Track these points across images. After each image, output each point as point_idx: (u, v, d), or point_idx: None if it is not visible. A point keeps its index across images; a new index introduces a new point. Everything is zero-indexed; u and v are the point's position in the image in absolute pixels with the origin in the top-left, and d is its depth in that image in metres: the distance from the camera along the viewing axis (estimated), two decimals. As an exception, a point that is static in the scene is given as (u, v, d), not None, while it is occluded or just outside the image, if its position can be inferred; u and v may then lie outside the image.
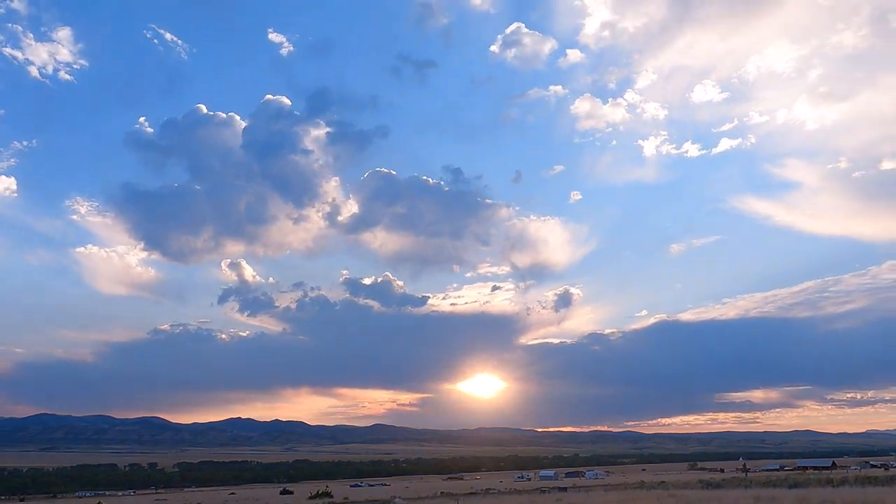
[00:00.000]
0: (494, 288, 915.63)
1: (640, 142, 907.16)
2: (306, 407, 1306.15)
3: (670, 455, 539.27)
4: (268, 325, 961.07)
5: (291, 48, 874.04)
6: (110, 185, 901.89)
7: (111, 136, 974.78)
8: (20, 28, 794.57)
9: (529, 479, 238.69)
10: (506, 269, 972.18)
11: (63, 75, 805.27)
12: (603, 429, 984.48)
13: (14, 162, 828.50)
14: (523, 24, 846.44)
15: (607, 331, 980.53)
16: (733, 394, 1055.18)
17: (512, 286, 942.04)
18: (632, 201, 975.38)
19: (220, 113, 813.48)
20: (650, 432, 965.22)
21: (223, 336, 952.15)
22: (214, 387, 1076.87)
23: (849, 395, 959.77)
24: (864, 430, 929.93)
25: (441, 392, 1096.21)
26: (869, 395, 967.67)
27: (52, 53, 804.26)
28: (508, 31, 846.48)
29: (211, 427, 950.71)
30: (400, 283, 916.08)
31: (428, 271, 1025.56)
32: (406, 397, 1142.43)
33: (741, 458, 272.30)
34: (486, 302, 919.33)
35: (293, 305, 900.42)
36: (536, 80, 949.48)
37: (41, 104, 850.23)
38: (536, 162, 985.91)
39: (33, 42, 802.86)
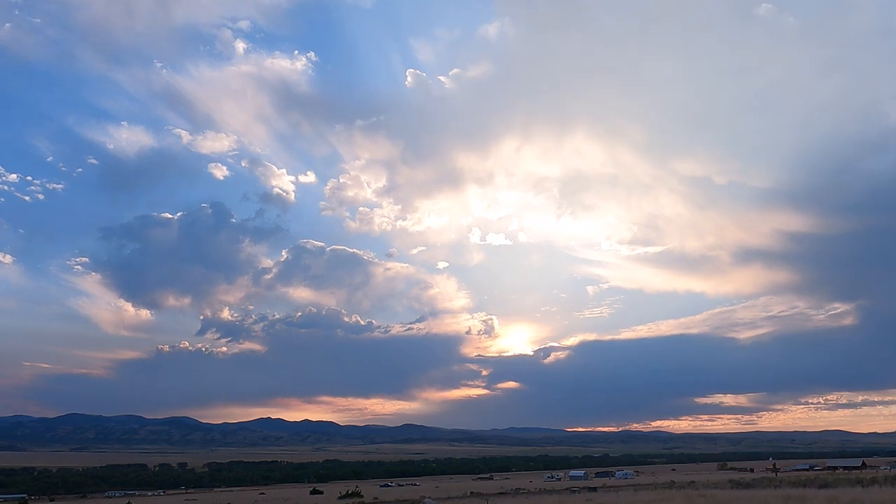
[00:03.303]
0: (418, 319, 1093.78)
1: (467, 234, 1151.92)
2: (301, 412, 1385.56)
3: (700, 455, 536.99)
4: (252, 347, 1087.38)
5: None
6: (92, 255, 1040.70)
7: (81, 232, 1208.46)
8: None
9: (559, 479, 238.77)
10: (418, 306, 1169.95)
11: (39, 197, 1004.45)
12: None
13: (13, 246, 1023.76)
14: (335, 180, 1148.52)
15: (549, 344, 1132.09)
16: (701, 398, 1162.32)
17: (426, 321, 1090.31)
18: (487, 269, 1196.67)
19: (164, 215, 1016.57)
20: (678, 432, 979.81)
21: (219, 352, 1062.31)
22: (220, 395, 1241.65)
23: (823, 399, 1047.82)
24: (893, 430, 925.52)
25: (430, 398, 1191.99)
26: (844, 398, 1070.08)
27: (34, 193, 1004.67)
28: (328, 187, 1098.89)
29: (241, 427, 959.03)
30: (350, 316, 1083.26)
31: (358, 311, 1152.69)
32: (404, 404, 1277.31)
33: (771, 458, 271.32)
34: (423, 328, 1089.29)
35: (267, 333, 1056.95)
36: (365, 203, 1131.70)
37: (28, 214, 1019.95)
38: (400, 245, 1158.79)
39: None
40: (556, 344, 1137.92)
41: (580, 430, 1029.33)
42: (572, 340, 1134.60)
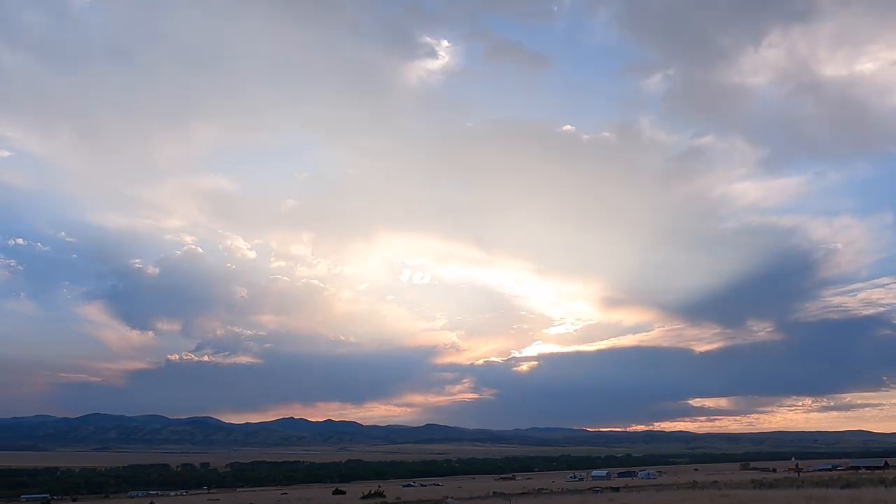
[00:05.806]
0: (388, 337, 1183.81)
1: (399, 276, 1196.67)
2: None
3: (722, 455, 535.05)
4: (249, 360, 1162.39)
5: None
6: (90, 291, 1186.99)
7: (80, 276, 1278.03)
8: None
9: (582, 479, 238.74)
10: (382, 328, 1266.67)
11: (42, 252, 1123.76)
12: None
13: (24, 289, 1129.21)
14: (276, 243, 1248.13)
15: (517, 355, 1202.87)
16: (689, 401, 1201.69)
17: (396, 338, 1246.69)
18: (432, 299, 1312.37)
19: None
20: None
21: (220, 363, 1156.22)
22: (227, 400, 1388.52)
23: (811, 401, 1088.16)
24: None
25: (423, 402, 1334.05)
26: (824, 401, 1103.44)
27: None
28: (273, 246, 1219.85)
29: (264, 427, 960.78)
30: (329, 334, 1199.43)
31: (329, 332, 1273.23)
32: (398, 409, 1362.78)
33: (794, 458, 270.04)
34: (395, 342, 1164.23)
35: (259, 347, 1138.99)
36: (308, 256, 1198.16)
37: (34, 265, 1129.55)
38: (345, 282, 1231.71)
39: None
40: (522, 354, 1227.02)
41: (603, 430, 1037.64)
42: (538, 352, 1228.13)
